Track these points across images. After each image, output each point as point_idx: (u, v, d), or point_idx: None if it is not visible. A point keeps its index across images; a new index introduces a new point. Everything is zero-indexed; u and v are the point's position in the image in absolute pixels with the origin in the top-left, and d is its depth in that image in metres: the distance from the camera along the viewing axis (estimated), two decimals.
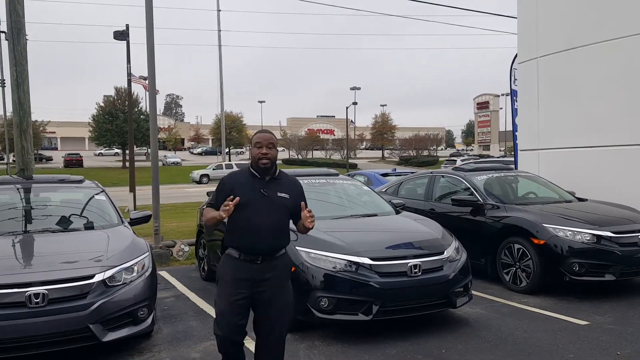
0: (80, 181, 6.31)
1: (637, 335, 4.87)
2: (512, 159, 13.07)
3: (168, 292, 6.78)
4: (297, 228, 3.47)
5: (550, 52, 9.59)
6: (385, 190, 9.03)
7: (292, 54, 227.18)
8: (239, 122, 72.79)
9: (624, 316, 5.43)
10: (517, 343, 4.71)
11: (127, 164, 35.65)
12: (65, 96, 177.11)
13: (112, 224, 5.53)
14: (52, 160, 64.29)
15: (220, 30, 35.48)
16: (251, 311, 3.45)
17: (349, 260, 4.79)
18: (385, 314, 4.77)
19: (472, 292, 5.46)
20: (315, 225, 3.37)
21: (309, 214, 3.32)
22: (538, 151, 9.85)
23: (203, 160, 69.52)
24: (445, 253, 5.12)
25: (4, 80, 22.61)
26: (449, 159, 52.79)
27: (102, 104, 59.45)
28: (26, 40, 7.86)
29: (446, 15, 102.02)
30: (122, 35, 17.98)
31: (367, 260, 4.80)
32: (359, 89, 69.81)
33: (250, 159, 3.50)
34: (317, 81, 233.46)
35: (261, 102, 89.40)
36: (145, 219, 6.04)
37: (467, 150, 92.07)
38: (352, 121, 76.63)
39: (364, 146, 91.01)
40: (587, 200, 7.53)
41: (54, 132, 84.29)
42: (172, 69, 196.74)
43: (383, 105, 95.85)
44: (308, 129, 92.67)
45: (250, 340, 3.79)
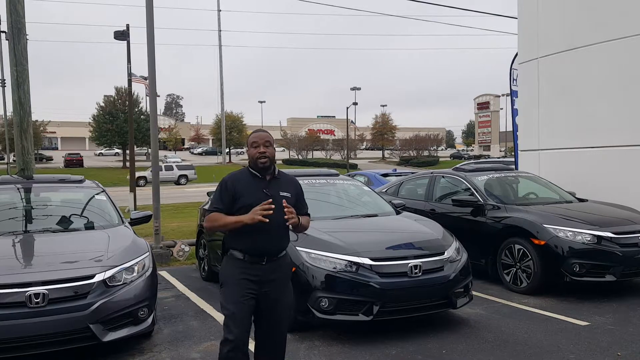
0: (81, 181, 6.32)
1: (637, 335, 4.86)
2: (512, 159, 13.07)
3: (168, 292, 6.78)
4: (293, 227, 3.40)
5: (550, 53, 9.59)
6: (386, 191, 9.02)
7: (293, 54, 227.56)
8: (239, 122, 72.80)
9: (625, 317, 5.43)
10: (517, 343, 4.70)
11: (127, 164, 35.63)
12: (65, 96, 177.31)
13: (112, 224, 5.54)
14: (52, 160, 64.33)
15: (220, 30, 35.69)
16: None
17: (349, 261, 4.79)
18: (385, 315, 4.77)
19: (473, 292, 5.46)
20: (315, 226, 3.35)
21: (287, 209, 3.20)
22: (538, 151, 9.85)
23: (203, 161, 69.52)
24: (445, 253, 5.12)
25: (4, 80, 22.62)
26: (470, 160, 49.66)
27: (103, 104, 59.46)
28: (26, 40, 7.86)
29: (446, 15, 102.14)
30: (122, 35, 17.96)
31: (367, 261, 4.80)
32: (359, 89, 69.88)
33: (248, 159, 3.46)
34: (317, 81, 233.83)
35: (261, 102, 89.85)
36: (146, 219, 6.05)
37: (467, 151, 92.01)
38: (352, 121, 76.74)
39: (364, 146, 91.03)
40: (587, 200, 7.53)
41: (55, 132, 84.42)
42: (173, 69, 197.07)
43: (383, 106, 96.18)
44: (308, 129, 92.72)
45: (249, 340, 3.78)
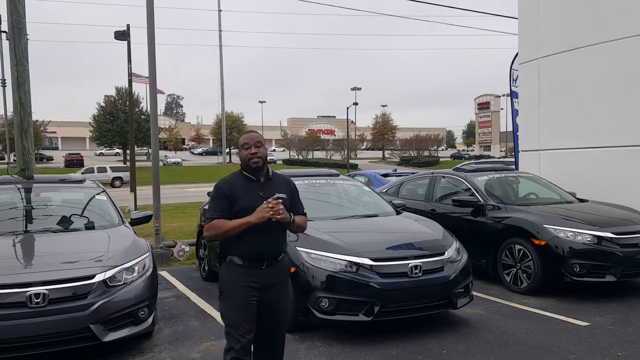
0: (81, 181, 6.32)
1: (637, 336, 4.86)
2: (513, 159, 13.07)
3: (169, 292, 6.78)
4: (289, 227, 3.34)
5: (551, 53, 9.59)
6: (386, 191, 9.02)
7: (293, 54, 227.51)
8: (240, 122, 72.82)
9: (625, 317, 5.42)
10: (517, 344, 4.70)
11: (127, 163, 35.65)
12: (65, 96, 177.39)
13: (112, 224, 5.54)
14: (52, 160, 64.35)
15: (221, 30, 35.63)
16: None
17: (349, 261, 4.79)
18: (386, 315, 4.77)
19: (473, 292, 5.46)
20: (315, 226, 3.33)
21: (267, 205, 3.10)
22: (539, 152, 9.84)
23: (203, 161, 69.56)
24: (446, 254, 5.12)
25: (4, 80, 22.66)
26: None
27: (103, 104, 59.52)
28: (27, 40, 7.86)
29: (446, 16, 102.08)
30: (122, 35, 17.97)
31: (367, 261, 4.80)
32: (359, 89, 69.96)
33: (240, 162, 3.33)
34: (317, 81, 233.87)
35: (262, 102, 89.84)
36: (146, 219, 6.05)
37: (467, 151, 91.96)
38: (352, 121, 76.74)
39: (364, 146, 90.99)
40: (587, 201, 7.53)
41: (55, 132, 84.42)
42: (173, 69, 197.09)
43: (384, 106, 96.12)
44: (309, 129, 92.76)
45: None
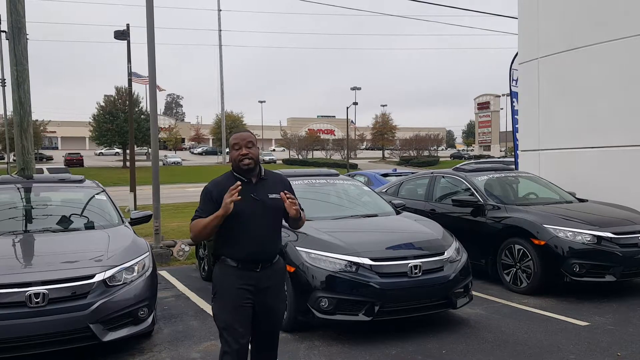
0: (81, 181, 6.31)
1: (637, 336, 4.86)
2: (513, 159, 13.07)
3: (168, 292, 6.78)
4: (289, 224, 3.27)
5: (551, 53, 9.59)
6: (386, 191, 9.02)
7: (293, 54, 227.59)
8: (240, 122, 72.86)
9: (625, 317, 5.43)
10: (517, 344, 4.70)
11: (127, 163, 35.66)
12: (65, 96, 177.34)
13: (112, 224, 5.53)
14: (52, 159, 64.24)
15: (220, 30, 35.62)
16: None
17: (349, 261, 4.79)
18: (385, 315, 4.77)
19: (473, 292, 5.46)
20: (315, 226, 3.30)
21: (289, 200, 3.05)
22: (539, 152, 9.85)
23: (203, 160, 69.52)
24: (445, 254, 5.12)
25: (4, 79, 22.64)
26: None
27: (103, 104, 59.44)
28: (27, 39, 7.86)
29: (447, 15, 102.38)
30: (122, 35, 17.95)
31: (367, 261, 4.80)
32: (359, 89, 69.94)
33: (231, 163, 3.18)
34: (317, 81, 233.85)
35: (261, 102, 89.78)
36: (146, 219, 6.04)
37: (467, 151, 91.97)
38: (352, 121, 76.69)
39: (364, 146, 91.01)
40: (587, 201, 7.53)
41: (55, 132, 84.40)
42: (173, 69, 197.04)
43: (383, 106, 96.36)
44: (308, 129, 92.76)
45: None
